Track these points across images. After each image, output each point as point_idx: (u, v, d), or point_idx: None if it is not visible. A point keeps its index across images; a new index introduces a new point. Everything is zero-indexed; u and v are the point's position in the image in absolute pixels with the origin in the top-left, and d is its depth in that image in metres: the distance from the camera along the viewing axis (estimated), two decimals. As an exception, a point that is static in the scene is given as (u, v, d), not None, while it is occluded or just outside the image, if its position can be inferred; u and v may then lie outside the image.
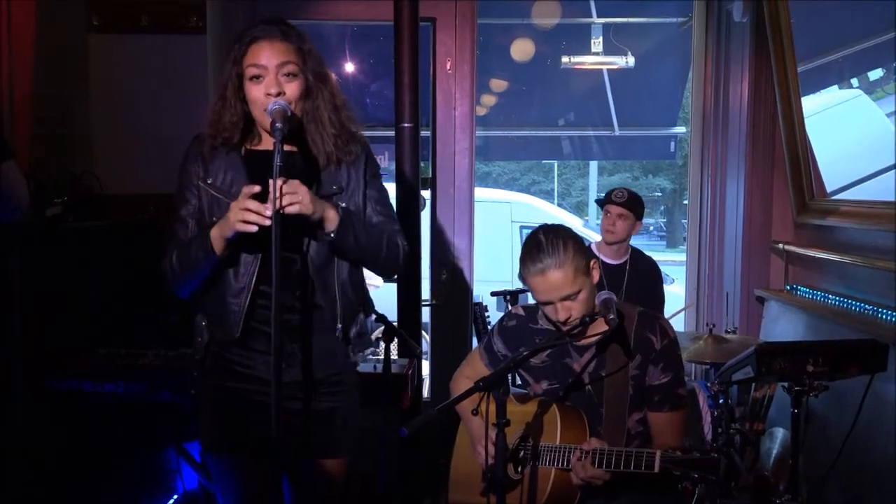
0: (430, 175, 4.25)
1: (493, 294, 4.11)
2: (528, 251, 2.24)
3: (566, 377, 2.37)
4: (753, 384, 3.31)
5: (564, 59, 7.44)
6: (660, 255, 3.99)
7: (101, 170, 3.52)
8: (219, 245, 1.94)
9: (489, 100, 8.75)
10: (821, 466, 2.92)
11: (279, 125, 1.85)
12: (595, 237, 3.91)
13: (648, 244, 17.32)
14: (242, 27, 3.76)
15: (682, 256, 5.23)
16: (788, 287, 3.93)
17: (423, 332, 4.60)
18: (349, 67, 6.22)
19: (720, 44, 4.33)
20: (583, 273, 2.22)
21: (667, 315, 3.66)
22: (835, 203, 3.60)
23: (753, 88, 4.03)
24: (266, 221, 1.82)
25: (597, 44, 7.22)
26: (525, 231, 8.64)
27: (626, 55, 7.33)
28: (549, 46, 7.74)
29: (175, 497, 3.39)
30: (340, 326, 2.08)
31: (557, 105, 9.38)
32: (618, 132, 9.22)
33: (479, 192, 5.75)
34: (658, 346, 2.30)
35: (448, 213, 4.24)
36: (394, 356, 3.03)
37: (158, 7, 3.55)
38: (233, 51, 2.00)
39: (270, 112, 1.88)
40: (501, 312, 2.77)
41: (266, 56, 1.95)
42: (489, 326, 3.79)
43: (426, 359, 4.67)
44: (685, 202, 11.94)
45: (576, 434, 2.25)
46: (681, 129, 9.53)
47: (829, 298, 3.48)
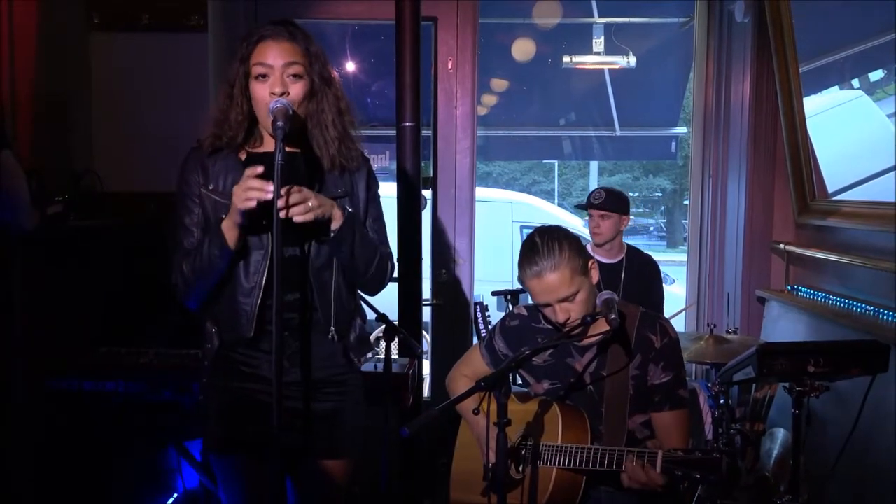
0: (432, 174, 4.25)
1: (494, 294, 4.11)
2: (525, 254, 2.25)
3: (567, 377, 2.37)
4: (754, 385, 3.31)
5: (566, 59, 7.43)
6: (660, 256, 3.99)
7: (102, 168, 3.52)
8: (231, 237, 1.95)
9: (490, 99, 8.75)
10: (822, 467, 2.92)
11: (280, 123, 1.84)
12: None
13: (649, 244, 17.33)
14: (244, 26, 3.85)
15: (683, 257, 5.23)
16: (789, 287, 3.93)
17: (424, 332, 4.61)
18: (350, 67, 6.22)
19: (722, 44, 4.33)
20: (580, 274, 2.21)
21: (667, 315, 3.66)
22: (836, 204, 3.59)
23: (755, 89, 4.03)
24: (267, 195, 1.82)
25: (598, 44, 7.22)
26: (526, 231, 8.64)
27: (628, 55, 7.32)
28: (551, 46, 7.74)
29: (175, 496, 3.40)
30: (334, 329, 2.08)
31: (558, 105, 9.39)
32: (619, 132, 9.22)
33: (480, 192, 5.75)
34: (658, 345, 2.30)
35: (449, 213, 4.24)
36: (394, 355, 3.03)
37: (159, 5, 3.55)
38: (240, 49, 2.00)
39: (272, 110, 1.88)
40: (502, 312, 2.77)
41: (273, 56, 1.95)
42: (490, 326, 3.79)
43: (427, 358, 4.67)
44: (686, 202, 11.94)
45: (577, 434, 2.25)
46: (682, 130, 9.53)
47: (830, 299, 3.48)
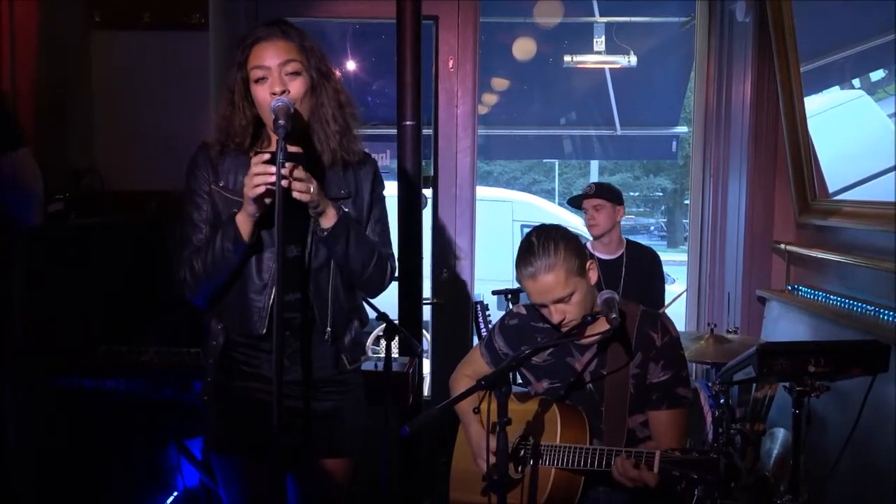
0: (432, 173, 4.25)
1: (494, 293, 4.12)
2: (521, 254, 2.24)
3: (567, 376, 2.36)
4: (754, 384, 3.31)
5: (566, 59, 7.43)
6: (660, 255, 3.98)
7: (103, 166, 3.52)
8: (246, 229, 1.95)
9: (491, 98, 8.76)
10: (822, 467, 2.92)
11: (282, 122, 1.84)
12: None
13: (649, 244, 17.28)
14: (244, 24, 3.85)
15: (683, 256, 5.23)
16: (790, 287, 3.93)
17: (424, 331, 4.61)
18: (351, 65, 6.22)
19: (723, 44, 4.33)
20: (576, 275, 2.20)
21: (665, 304, 3.66)
22: (837, 203, 3.59)
23: (756, 88, 4.02)
24: (271, 178, 1.84)
25: (599, 43, 7.22)
26: (526, 230, 8.62)
27: (629, 54, 7.32)
28: (552, 45, 7.74)
29: (175, 494, 3.40)
30: (330, 330, 2.08)
31: (559, 104, 9.39)
32: (619, 132, 9.22)
33: (481, 191, 5.74)
34: (659, 343, 2.29)
35: (449, 212, 4.24)
36: (395, 354, 3.03)
37: (160, 3, 3.56)
38: (236, 55, 2.00)
39: (274, 109, 1.88)
40: (502, 311, 2.76)
41: (269, 57, 1.96)
42: (490, 325, 3.80)
43: (427, 357, 4.68)
44: (686, 202, 11.94)
45: (576, 433, 2.25)
46: (682, 129, 9.53)
47: (831, 299, 3.48)
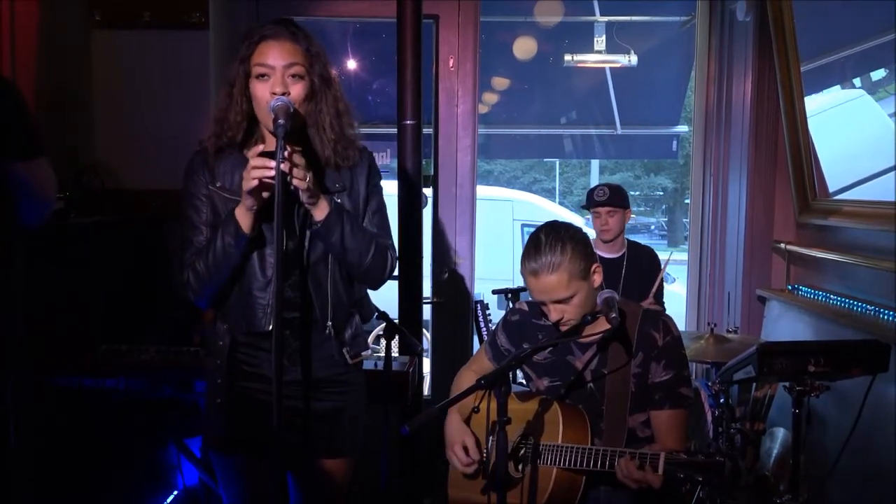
0: (433, 172, 4.25)
1: (495, 292, 4.12)
2: (527, 248, 2.23)
3: (568, 374, 2.36)
4: (754, 384, 3.31)
5: (567, 58, 7.42)
6: (661, 255, 3.99)
7: (104, 165, 3.52)
8: (245, 222, 1.95)
9: (491, 98, 8.75)
10: (821, 467, 2.92)
11: (282, 121, 1.84)
12: (593, 233, 3.92)
13: (649, 243, 17.27)
14: (245, 23, 3.85)
15: (684, 256, 5.22)
16: (790, 287, 3.93)
17: (424, 330, 4.61)
18: (351, 64, 6.22)
19: (723, 43, 4.33)
20: (578, 278, 2.19)
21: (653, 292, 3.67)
22: (837, 203, 3.59)
23: (756, 88, 4.02)
24: (269, 172, 1.84)
25: (600, 42, 7.21)
26: (526, 229, 8.65)
27: (629, 54, 7.32)
28: (552, 44, 7.74)
29: (175, 493, 3.40)
30: (331, 324, 2.08)
31: (559, 103, 9.38)
32: (620, 131, 9.21)
33: (481, 190, 5.76)
34: (660, 343, 2.29)
35: (450, 211, 4.24)
36: (395, 353, 3.03)
37: (161, 3, 3.56)
38: (241, 48, 2.00)
39: (273, 108, 1.87)
40: (502, 310, 2.76)
41: (274, 56, 1.95)
42: (490, 324, 3.80)
43: (427, 356, 4.68)
44: (687, 201, 11.94)
45: (577, 433, 2.24)
46: (683, 128, 9.53)
47: (831, 298, 3.48)
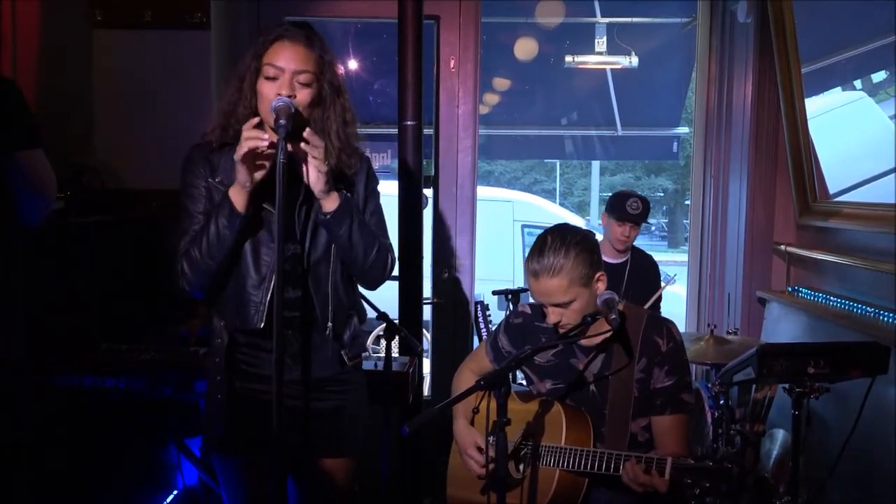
0: (433, 173, 4.25)
1: (495, 293, 4.12)
2: (532, 249, 2.22)
3: (570, 377, 2.36)
4: (754, 385, 3.31)
5: (568, 59, 7.42)
6: (661, 256, 4.01)
7: (104, 165, 3.52)
8: (239, 201, 1.96)
9: (492, 98, 8.75)
10: (821, 468, 2.92)
11: (283, 122, 1.85)
12: (597, 235, 3.92)
13: (650, 244, 17.32)
14: (246, 23, 3.85)
15: (684, 257, 5.23)
16: (790, 289, 3.93)
17: (425, 331, 4.61)
18: (353, 65, 6.22)
19: (724, 44, 4.33)
20: (580, 284, 2.17)
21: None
22: (837, 205, 3.59)
23: (757, 89, 4.02)
24: (262, 143, 1.87)
25: (600, 43, 7.21)
26: (527, 230, 8.65)
27: (630, 55, 7.31)
28: (553, 46, 7.74)
29: (175, 492, 3.40)
30: (331, 325, 2.08)
31: (560, 104, 9.38)
32: (620, 132, 9.21)
33: (482, 191, 5.75)
34: (664, 349, 2.28)
35: (450, 212, 4.24)
36: (395, 354, 3.04)
37: (162, 3, 3.56)
38: (255, 44, 2.01)
39: (274, 108, 1.88)
40: (503, 311, 2.77)
41: (285, 59, 1.96)
42: (491, 325, 3.80)
43: (427, 357, 4.68)
44: (687, 203, 11.93)
45: (580, 435, 2.24)
46: (684, 130, 9.53)
47: (831, 300, 3.48)
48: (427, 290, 3.81)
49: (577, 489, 2.22)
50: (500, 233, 8.64)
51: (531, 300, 2.37)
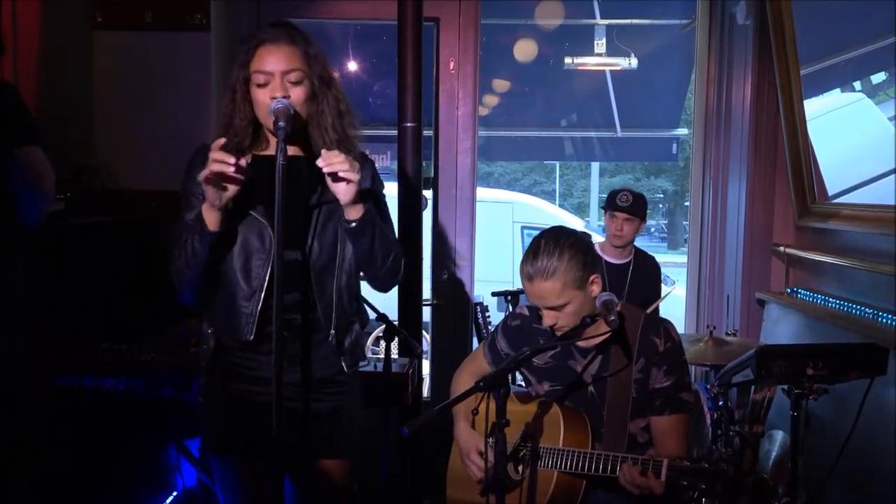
0: (433, 174, 4.25)
1: (494, 294, 4.12)
2: (527, 251, 2.23)
3: (568, 379, 2.36)
4: (753, 386, 3.31)
5: (567, 60, 7.44)
6: (661, 257, 4.01)
7: (104, 166, 3.53)
8: (211, 220, 1.92)
9: (492, 100, 8.76)
10: (820, 469, 2.92)
11: (282, 123, 1.85)
12: (597, 237, 3.93)
13: (650, 245, 17.31)
14: (246, 24, 3.86)
15: (683, 258, 5.24)
16: (789, 290, 3.94)
17: (424, 332, 4.61)
18: (352, 66, 6.23)
19: (723, 46, 4.34)
20: (574, 287, 2.17)
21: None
22: (836, 206, 3.60)
23: (756, 91, 4.03)
24: (227, 168, 1.83)
25: (600, 45, 7.22)
26: (526, 231, 8.66)
27: (629, 56, 7.33)
28: (552, 47, 7.75)
29: (174, 493, 3.40)
30: (334, 332, 2.08)
31: (560, 106, 9.39)
32: (620, 133, 9.23)
33: (481, 192, 5.75)
34: (661, 349, 2.28)
35: (450, 213, 4.24)
36: (394, 355, 3.04)
37: (162, 4, 3.56)
38: (239, 54, 2.00)
39: (273, 110, 1.88)
40: (502, 312, 2.77)
41: (272, 62, 1.95)
42: (490, 326, 3.80)
43: (426, 358, 4.68)
44: (686, 204, 11.94)
45: (578, 437, 2.24)
46: (683, 131, 9.54)
47: (830, 302, 3.49)
48: (426, 292, 3.81)
49: (575, 491, 2.22)
50: (500, 234, 8.65)
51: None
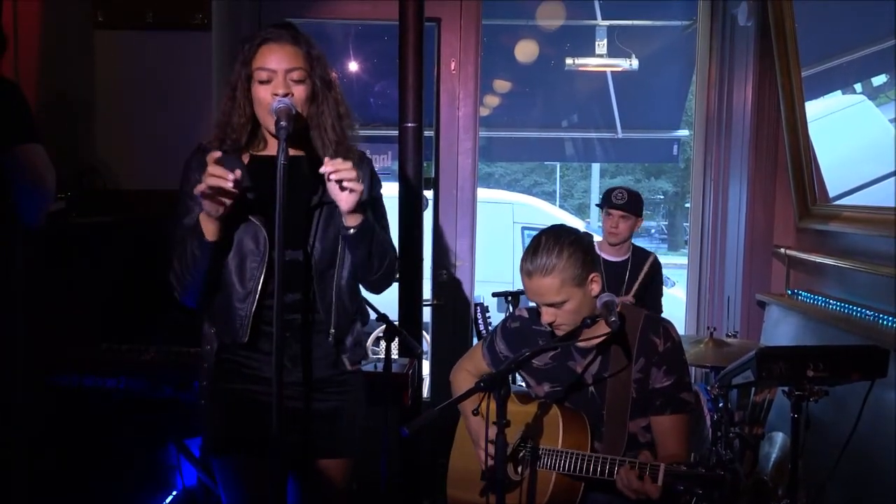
0: (433, 175, 4.25)
1: (495, 295, 4.12)
2: (527, 249, 2.23)
3: (568, 379, 2.36)
4: (753, 388, 3.31)
5: (568, 61, 7.42)
6: (661, 258, 4.00)
7: (105, 166, 3.53)
8: (209, 229, 1.92)
9: (493, 100, 8.75)
10: (820, 472, 2.92)
11: (283, 123, 1.84)
12: (598, 238, 3.92)
13: (650, 247, 17.28)
14: (247, 25, 3.86)
15: (684, 259, 5.23)
16: (789, 291, 3.94)
17: (424, 332, 4.61)
18: (353, 66, 6.22)
19: (724, 47, 4.34)
20: (573, 285, 2.17)
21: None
22: (837, 208, 3.60)
23: (757, 92, 4.03)
24: (226, 184, 1.82)
25: (601, 46, 7.21)
26: (527, 232, 8.66)
27: (630, 57, 7.31)
28: (553, 48, 7.74)
29: (174, 493, 3.40)
30: (334, 332, 2.08)
31: (561, 107, 9.37)
32: (621, 134, 9.21)
33: (482, 193, 5.74)
34: (661, 349, 2.28)
35: (450, 214, 4.24)
36: (394, 355, 3.04)
37: (163, 4, 3.56)
38: (241, 52, 2.00)
39: (275, 110, 1.88)
40: (502, 313, 2.77)
41: (275, 60, 1.95)
42: (490, 327, 3.80)
43: (427, 358, 4.68)
44: (687, 205, 11.93)
45: (577, 438, 2.24)
46: (684, 133, 9.53)
47: (830, 303, 3.49)
48: (427, 292, 3.81)
49: (574, 492, 2.22)
50: (500, 235, 8.64)
51: (530, 303, 2.37)
